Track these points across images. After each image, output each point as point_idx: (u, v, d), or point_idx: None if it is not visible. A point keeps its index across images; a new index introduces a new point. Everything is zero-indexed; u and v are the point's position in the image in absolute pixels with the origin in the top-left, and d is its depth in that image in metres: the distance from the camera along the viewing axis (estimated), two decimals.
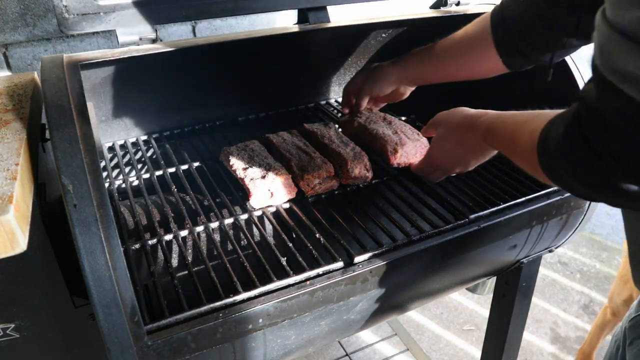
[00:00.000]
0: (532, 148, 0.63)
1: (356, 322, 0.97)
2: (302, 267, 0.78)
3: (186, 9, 0.96)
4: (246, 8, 1.02)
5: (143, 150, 1.11)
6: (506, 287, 1.26)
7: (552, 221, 1.02)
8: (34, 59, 1.32)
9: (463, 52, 0.95)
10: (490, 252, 1.01)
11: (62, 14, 0.86)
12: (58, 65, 0.81)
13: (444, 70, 1.01)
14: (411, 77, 1.07)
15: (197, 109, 1.22)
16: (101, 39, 1.38)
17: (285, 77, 1.30)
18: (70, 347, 0.85)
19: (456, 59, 0.97)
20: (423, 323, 2.02)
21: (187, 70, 1.16)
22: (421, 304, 1.16)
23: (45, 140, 0.90)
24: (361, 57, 1.37)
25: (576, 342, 1.93)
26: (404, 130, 1.06)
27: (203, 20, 1.48)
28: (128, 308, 0.63)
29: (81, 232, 0.62)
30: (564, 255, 2.40)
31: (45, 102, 0.72)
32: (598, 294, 2.18)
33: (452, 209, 0.93)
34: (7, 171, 0.62)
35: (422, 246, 0.84)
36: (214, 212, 0.90)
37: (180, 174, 1.02)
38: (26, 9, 1.24)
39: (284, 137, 1.06)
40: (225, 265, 0.78)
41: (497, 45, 0.89)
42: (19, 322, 0.76)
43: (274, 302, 0.73)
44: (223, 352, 0.77)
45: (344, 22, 1.12)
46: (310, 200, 0.95)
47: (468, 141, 0.88)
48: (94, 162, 0.67)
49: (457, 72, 1.00)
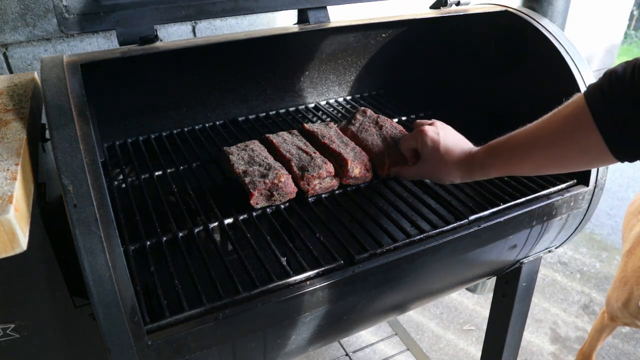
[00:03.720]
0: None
1: (356, 322, 0.97)
2: (302, 267, 0.78)
3: (186, 9, 0.96)
4: (246, 8, 1.02)
5: (143, 150, 1.11)
6: (506, 287, 1.26)
7: (552, 221, 1.02)
8: (34, 59, 1.32)
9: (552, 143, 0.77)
10: (490, 252, 1.01)
11: (62, 14, 0.86)
12: (58, 65, 0.81)
13: (523, 171, 0.86)
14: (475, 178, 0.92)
15: (197, 109, 1.22)
16: (101, 39, 1.38)
17: (285, 77, 1.30)
18: (70, 347, 0.85)
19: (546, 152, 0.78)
20: (423, 323, 2.02)
21: (187, 70, 1.16)
22: (421, 304, 1.16)
23: (45, 140, 0.90)
24: (361, 57, 1.37)
25: (576, 342, 1.93)
26: (393, 135, 1.06)
27: (203, 20, 1.48)
28: (128, 308, 0.63)
29: (81, 232, 0.62)
30: (564, 255, 2.40)
31: (45, 102, 0.72)
32: (598, 294, 2.18)
33: (452, 209, 0.93)
34: (7, 171, 0.62)
35: (422, 246, 0.84)
36: (213, 212, 0.90)
37: (181, 174, 1.02)
38: (26, 9, 1.24)
39: (284, 137, 1.06)
40: (226, 265, 0.78)
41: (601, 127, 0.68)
42: (19, 322, 0.76)
43: (274, 302, 0.73)
44: (223, 352, 0.77)
45: (344, 22, 1.11)
46: (310, 200, 0.95)
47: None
48: (94, 162, 0.67)
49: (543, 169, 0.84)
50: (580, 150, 0.71)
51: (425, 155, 0.93)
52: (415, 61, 1.41)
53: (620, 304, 1.43)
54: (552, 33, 1.10)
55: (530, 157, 0.78)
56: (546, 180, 1.02)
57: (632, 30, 5.46)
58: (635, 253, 1.42)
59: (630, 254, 1.44)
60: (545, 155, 0.76)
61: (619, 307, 1.44)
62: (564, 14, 1.86)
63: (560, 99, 0.76)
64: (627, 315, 1.44)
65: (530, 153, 0.78)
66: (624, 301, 1.42)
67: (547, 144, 0.74)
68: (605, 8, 2.53)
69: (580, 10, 2.35)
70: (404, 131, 1.07)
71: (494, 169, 0.84)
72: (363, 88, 1.44)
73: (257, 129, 1.22)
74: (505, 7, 1.21)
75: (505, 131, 0.91)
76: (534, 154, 0.77)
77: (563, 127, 0.71)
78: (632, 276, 1.39)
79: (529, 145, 0.77)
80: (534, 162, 0.78)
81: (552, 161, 0.77)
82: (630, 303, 1.39)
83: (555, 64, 1.08)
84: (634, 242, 1.46)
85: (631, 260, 1.42)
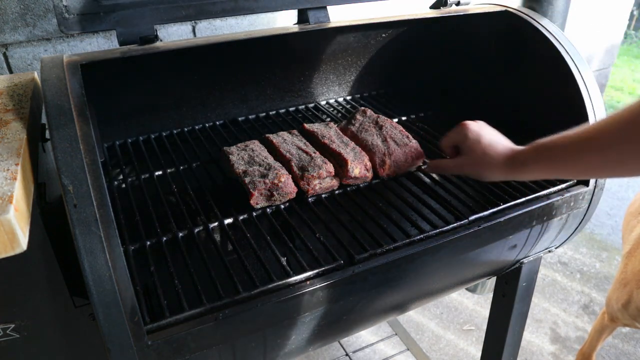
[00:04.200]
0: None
1: (356, 322, 0.97)
2: (302, 267, 0.78)
3: (186, 9, 0.96)
4: (246, 8, 1.02)
5: (143, 150, 1.11)
6: (506, 287, 1.26)
7: (552, 221, 1.02)
8: (34, 59, 1.32)
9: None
10: (490, 252, 1.01)
11: (62, 14, 0.86)
12: (58, 65, 0.81)
13: (569, 173, 0.84)
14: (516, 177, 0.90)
15: (197, 109, 1.22)
16: (101, 39, 1.38)
17: (285, 77, 1.30)
18: (70, 347, 0.85)
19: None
20: (423, 323, 2.02)
21: (187, 70, 1.16)
22: (421, 304, 1.16)
23: (45, 140, 0.90)
24: (361, 57, 1.37)
25: (576, 342, 1.93)
26: (393, 135, 1.06)
27: (203, 20, 1.48)
28: (128, 308, 0.63)
29: (81, 232, 0.62)
30: (564, 255, 2.40)
31: (45, 102, 0.72)
32: (598, 294, 2.18)
33: (452, 209, 0.93)
34: (7, 171, 0.62)
35: (422, 246, 0.84)
36: (213, 212, 0.90)
37: (181, 174, 1.02)
38: (26, 9, 1.24)
39: (284, 137, 1.06)
40: (226, 265, 0.78)
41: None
42: (19, 322, 0.76)
43: (274, 302, 0.73)
44: (223, 352, 0.77)
45: (344, 22, 1.11)
46: (310, 200, 0.95)
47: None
48: (94, 162, 0.67)
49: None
50: (638, 156, 0.68)
51: (467, 148, 0.91)
52: (415, 61, 1.41)
53: (620, 305, 1.43)
54: (552, 33, 1.10)
55: (582, 159, 0.75)
56: (546, 180, 1.02)
57: (632, 30, 5.46)
58: (636, 254, 1.42)
59: (631, 256, 1.44)
60: (599, 160, 0.73)
61: (619, 308, 1.44)
62: (564, 14, 1.86)
63: (560, 99, 0.76)
64: (627, 317, 1.44)
65: (582, 155, 0.75)
66: (624, 302, 1.41)
67: (602, 147, 0.72)
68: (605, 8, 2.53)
69: (580, 10, 2.35)
70: (403, 131, 1.07)
71: (538, 168, 0.82)
72: (363, 88, 1.44)
73: (257, 129, 1.22)
74: (505, 7, 1.21)
75: (506, 131, 0.91)
76: (586, 156, 0.74)
77: (621, 132, 0.70)
78: (632, 278, 1.39)
79: (582, 147, 0.74)
80: (585, 164, 0.76)
81: (607, 166, 0.74)
82: (631, 304, 1.39)
83: (555, 64, 1.08)
84: (634, 244, 1.46)
85: (631, 261, 1.42)
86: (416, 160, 1.04)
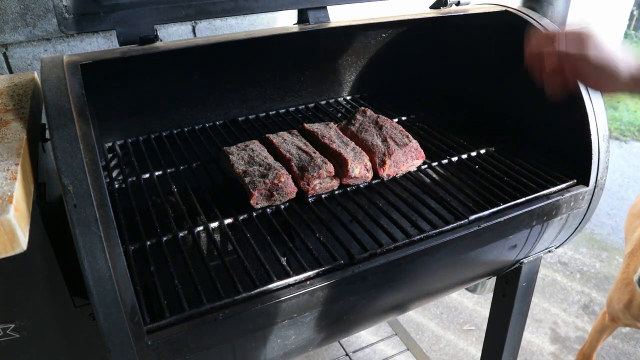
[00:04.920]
0: None
1: (356, 322, 0.97)
2: (302, 267, 0.78)
3: (186, 9, 0.96)
4: (246, 8, 1.02)
5: (143, 150, 1.11)
6: (506, 287, 1.26)
7: (552, 221, 1.02)
8: (34, 59, 1.32)
9: None
10: (490, 252, 1.01)
11: (62, 14, 0.86)
12: (58, 65, 0.81)
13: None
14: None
15: (197, 109, 1.22)
16: (101, 39, 1.38)
17: (285, 77, 1.30)
18: (70, 347, 0.85)
19: None
20: (423, 323, 2.02)
21: (187, 70, 1.16)
22: (421, 304, 1.16)
23: (45, 140, 0.90)
24: (361, 57, 1.37)
25: (576, 342, 1.93)
26: (393, 135, 1.06)
27: (203, 20, 1.48)
28: (128, 308, 0.63)
29: (81, 232, 0.62)
30: (564, 255, 2.40)
31: (45, 102, 0.72)
32: (598, 294, 2.18)
33: (452, 209, 0.93)
34: (7, 171, 0.62)
35: (422, 246, 0.84)
36: (213, 212, 0.90)
37: (181, 173, 1.02)
38: (26, 9, 1.24)
39: (284, 137, 1.06)
40: (226, 265, 0.78)
41: None
42: (19, 322, 0.76)
43: (274, 302, 0.73)
44: (223, 352, 0.77)
45: (344, 22, 1.12)
46: (310, 200, 0.95)
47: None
48: (94, 162, 0.67)
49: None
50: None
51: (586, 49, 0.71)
52: (415, 61, 1.41)
53: (621, 305, 1.43)
54: None
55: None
56: (546, 180, 1.02)
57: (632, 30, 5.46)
58: (638, 255, 1.42)
59: (633, 256, 1.44)
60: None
61: (620, 308, 1.44)
62: (564, 14, 1.86)
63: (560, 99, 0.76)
64: (628, 317, 1.44)
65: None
66: (625, 303, 1.41)
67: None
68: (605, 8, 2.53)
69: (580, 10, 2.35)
70: (403, 131, 1.07)
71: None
72: (363, 88, 1.44)
73: (257, 129, 1.22)
74: (505, 7, 1.21)
75: (505, 131, 0.91)
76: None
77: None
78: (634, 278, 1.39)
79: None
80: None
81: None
82: (632, 305, 1.39)
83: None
84: (636, 244, 1.46)
85: (633, 261, 1.42)
86: (416, 160, 1.04)
